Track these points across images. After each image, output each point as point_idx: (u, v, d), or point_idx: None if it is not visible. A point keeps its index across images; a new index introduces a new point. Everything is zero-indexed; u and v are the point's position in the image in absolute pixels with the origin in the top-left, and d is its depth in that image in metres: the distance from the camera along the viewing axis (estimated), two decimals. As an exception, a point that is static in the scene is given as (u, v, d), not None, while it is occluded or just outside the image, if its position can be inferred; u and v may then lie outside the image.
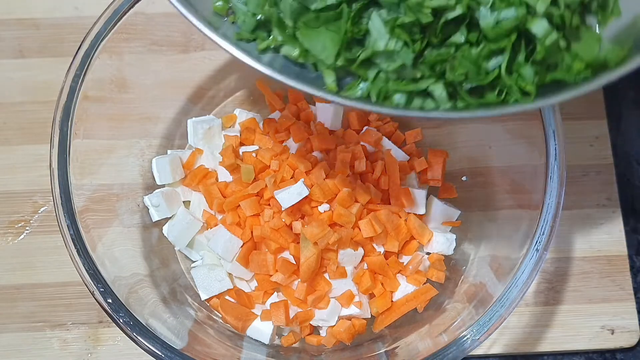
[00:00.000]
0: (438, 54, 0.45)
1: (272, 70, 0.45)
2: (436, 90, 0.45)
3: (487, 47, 0.44)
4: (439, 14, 0.44)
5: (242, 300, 0.67)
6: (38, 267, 0.72)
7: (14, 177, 0.75)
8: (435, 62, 0.45)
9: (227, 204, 0.67)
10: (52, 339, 0.70)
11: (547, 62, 0.45)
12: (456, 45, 0.45)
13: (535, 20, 0.44)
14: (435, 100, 0.46)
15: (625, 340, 0.71)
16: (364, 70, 0.46)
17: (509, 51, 0.44)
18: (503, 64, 0.44)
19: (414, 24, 0.44)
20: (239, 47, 0.46)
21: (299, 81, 0.45)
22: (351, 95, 0.47)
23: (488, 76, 0.45)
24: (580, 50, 0.46)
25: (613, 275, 0.73)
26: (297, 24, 0.47)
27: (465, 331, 0.56)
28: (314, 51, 0.46)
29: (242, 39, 0.49)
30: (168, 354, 0.55)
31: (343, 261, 0.66)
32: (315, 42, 0.46)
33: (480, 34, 0.45)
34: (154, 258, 0.68)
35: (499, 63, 0.45)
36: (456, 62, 0.45)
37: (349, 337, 0.66)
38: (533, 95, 0.45)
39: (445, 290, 0.68)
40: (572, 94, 0.44)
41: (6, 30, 0.79)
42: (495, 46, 0.44)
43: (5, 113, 0.77)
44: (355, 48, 0.47)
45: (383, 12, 0.45)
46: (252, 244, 0.67)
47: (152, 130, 0.73)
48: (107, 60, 0.63)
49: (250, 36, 0.49)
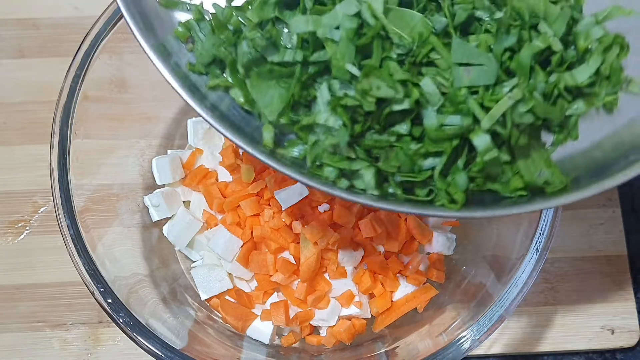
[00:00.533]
0: (376, 140, 0.44)
1: (211, 115, 0.44)
2: (366, 175, 0.44)
3: (425, 147, 0.43)
4: (385, 102, 0.42)
5: (242, 300, 0.67)
6: (38, 267, 0.72)
7: (13, 177, 0.75)
8: (372, 147, 0.44)
9: (227, 204, 0.67)
10: (52, 339, 0.70)
11: (486, 172, 0.44)
12: (398, 135, 0.44)
13: (479, 133, 0.42)
14: (364, 183, 0.44)
15: (625, 340, 0.71)
16: (305, 134, 0.45)
17: (447, 155, 0.43)
18: (438, 166, 0.43)
19: (357, 107, 0.43)
20: (185, 81, 0.45)
21: (235, 131, 0.44)
22: (287, 154, 0.45)
23: (421, 174, 0.44)
24: (522, 168, 0.44)
25: (613, 275, 0.73)
26: (249, 72, 0.46)
27: (465, 331, 0.56)
28: (260, 104, 0.45)
29: (194, 71, 0.47)
30: (168, 354, 0.55)
31: (343, 261, 0.66)
32: (262, 94, 0.45)
33: (423, 130, 0.43)
34: (154, 258, 0.68)
35: (435, 164, 0.43)
36: (392, 153, 0.43)
37: (349, 337, 0.66)
38: (460, 204, 0.43)
39: (445, 290, 0.68)
40: (502, 212, 0.43)
41: (6, 30, 0.79)
42: (434, 148, 0.43)
43: (5, 113, 0.77)
44: (302, 110, 0.45)
45: (335, 83, 0.43)
46: (252, 244, 0.67)
47: (152, 130, 0.73)
48: (107, 60, 0.63)
49: (204, 70, 0.47)
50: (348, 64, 0.42)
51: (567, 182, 0.44)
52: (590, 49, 0.45)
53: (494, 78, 0.42)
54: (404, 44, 0.43)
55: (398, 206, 0.44)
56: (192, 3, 0.49)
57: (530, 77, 0.43)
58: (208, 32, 0.47)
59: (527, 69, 0.43)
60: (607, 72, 0.45)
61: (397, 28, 0.43)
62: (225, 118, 0.46)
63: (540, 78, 0.43)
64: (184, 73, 0.47)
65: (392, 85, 0.42)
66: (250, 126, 0.47)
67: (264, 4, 0.46)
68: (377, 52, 0.43)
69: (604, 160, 0.45)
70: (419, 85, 0.42)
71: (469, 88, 0.42)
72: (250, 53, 0.45)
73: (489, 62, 0.42)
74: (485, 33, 0.44)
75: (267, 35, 0.45)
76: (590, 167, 0.45)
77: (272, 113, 0.45)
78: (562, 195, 0.44)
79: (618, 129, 0.46)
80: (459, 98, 0.42)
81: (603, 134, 0.46)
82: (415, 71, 0.43)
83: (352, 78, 0.42)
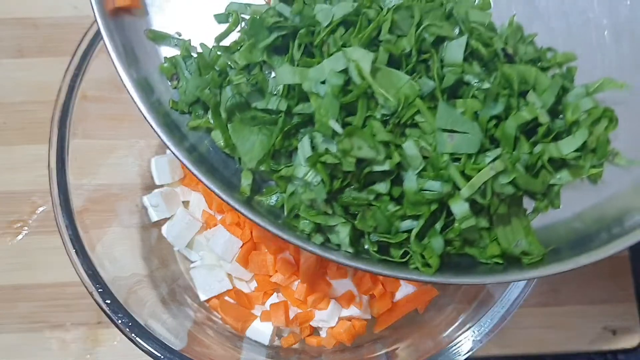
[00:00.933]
0: (355, 197, 0.43)
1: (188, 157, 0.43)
2: (341, 232, 0.43)
3: (404, 209, 0.43)
4: (366, 161, 0.42)
5: (241, 301, 0.67)
6: (37, 268, 0.72)
7: (12, 177, 0.75)
8: (349, 204, 0.44)
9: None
10: (51, 339, 0.70)
11: (464, 237, 0.44)
12: (377, 194, 0.43)
13: (457, 201, 0.41)
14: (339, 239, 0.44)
15: (627, 341, 0.70)
16: (283, 183, 0.45)
17: (424, 219, 0.42)
18: (415, 229, 0.43)
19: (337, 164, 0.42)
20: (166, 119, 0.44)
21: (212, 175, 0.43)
22: (264, 201, 0.45)
23: (397, 236, 0.43)
24: (501, 236, 0.44)
25: (614, 276, 0.72)
26: (232, 117, 0.45)
27: (466, 332, 0.56)
28: (240, 150, 0.45)
29: (176, 109, 0.47)
30: (167, 354, 0.55)
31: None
32: (244, 140, 0.44)
33: (403, 191, 0.43)
34: (153, 258, 0.68)
35: (412, 226, 0.43)
36: (369, 212, 0.43)
37: (349, 338, 0.65)
38: (434, 269, 0.43)
39: (446, 291, 0.67)
40: (475, 280, 0.43)
41: (5, 30, 0.79)
42: (412, 211, 0.42)
43: (4, 113, 0.76)
44: (283, 159, 0.45)
45: (318, 136, 0.42)
46: (252, 244, 0.67)
47: (151, 130, 0.72)
48: (105, 60, 0.62)
49: (186, 109, 0.47)
50: (331, 120, 0.41)
51: (545, 253, 0.44)
52: (578, 121, 0.45)
53: (477, 147, 0.42)
54: (388, 105, 0.42)
55: (371, 266, 0.43)
56: (180, 39, 0.48)
57: (515, 148, 0.43)
58: (194, 71, 0.47)
59: (511, 139, 0.42)
60: (593, 144, 0.45)
61: (383, 88, 0.42)
62: (204, 160, 0.45)
63: (525, 149, 0.43)
64: (165, 111, 0.46)
65: (374, 146, 0.41)
66: (229, 170, 0.46)
67: (252, 47, 0.45)
68: (361, 111, 0.42)
69: (585, 232, 0.45)
70: (401, 147, 0.42)
71: (452, 154, 0.42)
72: (235, 97, 0.45)
73: (473, 131, 0.42)
74: (472, 98, 0.43)
75: (253, 81, 0.44)
76: (571, 238, 0.45)
77: (251, 160, 0.44)
78: (537, 268, 0.43)
79: (601, 201, 0.46)
80: (440, 164, 0.42)
81: (586, 205, 0.46)
82: (399, 132, 0.43)
83: (335, 134, 0.42)
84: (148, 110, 0.43)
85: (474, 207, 0.42)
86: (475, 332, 0.56)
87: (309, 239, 0.44)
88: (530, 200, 0.46)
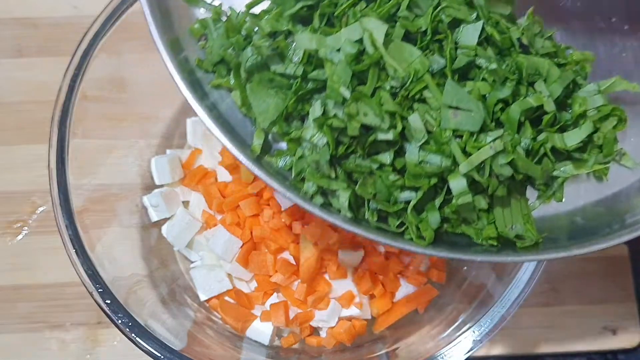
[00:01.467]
0: (357, 164, 0.45)
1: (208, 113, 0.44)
2: (342, 196, 0.45)
3: (404, 180, 0.44)
4: (371, 130, 0.43)
5: (241, 301, 0.67)
6: (37, 268, 0.72)
7: (12, 177, 0.74)
8: (353, 170, 0.45)
9: (226, 204, 0.67)
10: (51, 339, 0.70)
11: (462, 216, 0.45)
12: (380, 163, 0.44)
13: (456, 176, 0.43)
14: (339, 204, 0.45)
15: (627, 341, 0.70)
16: (293, 146, 0.46)
17: (422, 192, 0.44)
18: (413, 201, 0.44)
19: (343, 129, 0.44)
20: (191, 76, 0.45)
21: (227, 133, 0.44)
22: (274, 162, 0.47)
23: (395, 206, 0.44)
24: (498, 218, 0.45)
25: (614, 276, 0.72)
26: (251, 77, 0.47)
27: (466, 332, 0.56)
28: (255, 110, 0.46)
29: (201, 67, 0.48)
30: (167, 354, 0.55)
31: (343, 262, 0.65)
32: (260, 101, 0.46)
33: (405, 164, 0.44)
34: (153, 258, 0.68)
35: (410, 198, 0.44)
36: (370, 179, 0.44)
37: (349, 338, 0.65)
38: (427, 242, 0.44)
39: (446, 291, 0.67)
40: (467, 256, 0.44)
41: (5, 30, 0.79)
42: (412, 183, 0.44)
43: (4, 113, 0.76)
44: (295, 122, 0.46)
45: (330, 103, 0.44)
46: (252, 245, 0.67)
47: (151, 130, 0.72)
48: (105, 60, 0.63)
49: (211, 68, 0.48)
50: (342, 86, 0.43)
51: (539, 239, 0.45)
52: (585, 114, 0.46)
53: (479, 125, 0.43)
54: (397, 77, 0.43)
55: (368, 233, 0.44)
56: (212, 4, 0.50)
57: (518, 132, 0.44)
58: (221, 33, 0.48)
59: (515, 122, 0.43)
60: (600, 141, 0.46)
61: (395, 60, 0.44)
62: (222, 118, 0.46)
63: (528, 134, 0.44)
64: (190, 68, 0.48)
65: (379, 114, 0.43)
66: (245, 131, 0.47)
67: (279, 16, 0.47)
68: (371, 80, 0.44)
69: (585, 225, 0.46)
70: (406, 119, 0.43)
71: (454, 131, 0.43)
72: (255, 59, 0.46)
73: (477, 110, 0.43)
74: (482, 81, 0.45)
75: (274, 46, 0.46)
76: (570, 229, 0.46)
77: (265, 120, 0.46)
78: (530, 253, 0.44)
79: (605, 197, 0.47)
80: (443, 139, 0.43)
81: (589, 200, 0.47)
82: (407, 105, 0.44)
83: (344, 101, 0.43)
84: (175, 67, 0.44)
85: (474, 186, 0.43)
86: (475, 332, 0.56)
87: (311, 201, 0.45)
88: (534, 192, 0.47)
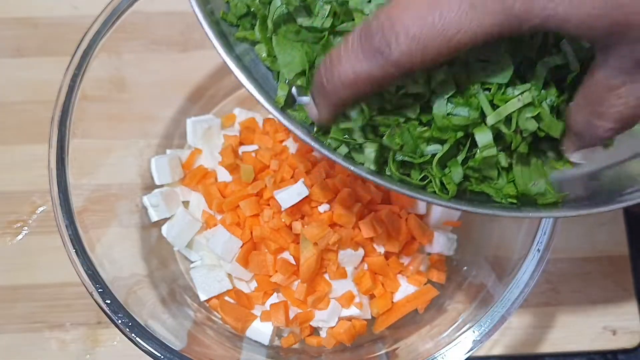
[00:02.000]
0: (384, 118, 0.44)
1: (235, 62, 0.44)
2: (368, 148, 0.45)
3: (431, 132, 0.44)
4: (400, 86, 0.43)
5: (241, 301, 0.67)
6: (36, 268, 0.72)
7: (12, 177, 0.74)
8: (380, 124, 0.45)
9: (226, 204, 0.67)
10: (51, 339, 0.70)
11: (482, 173, 0.45)
12: (406, 117, 0.44)
13: (483, 129, 0.43)
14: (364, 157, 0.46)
15: (627, 341, 0.70)
16: None
17: (449, 145, 0.44)
18: (439, 154, 0.44)
19: None
20: (216, 28, 0.45)
21: (254, 84, 0.44)
22: (296, 117, 0.46)
23: (421, 158, 0.45)
24: (518, 176, 0.45)
25: (615, 275, 0.72)
26: (277, 30, 0.46)
27: (466, 332, 0.56)
28: (280, 61, 0.46)
29: (226, 20, 0.49)
30: (167, 355, 0.55)
31: (343, 262, 0.65)
32: (285, 53, 0.46)
33: (431, 119, 0.44)
34: (152, 258, 0.68)
35: (436, 151, 0.44)
36: (397, 130, 0.44)
37: (349, 338, 0.65)
38: (450, 195, 0.44)
39: (446, 290, 0.67)
40: (488, 211, 0.44)
41: (4, 30, 0.79)
42: (438, 135, 0.44)
43: (3, 112, 0.76)
44: None
45: None
46: (252, 245, 0.67)
47: (151, 130, 0.72)
48: (105, 60, 0.63)
49: (235, 21, 0.49)
50: None
51: (559, 198, 0.45)
52: None
53: (508, 77, 0.43)
54: None
55: (391, 184, 0.45)
56: None
57: (543, 89, 0.44)
58: None
59: (541, 79, 0.43)
60: None
61: None
62: (246, 71, 0.46)
63: (552, 92, 0.44)
64: (216, 19, 0.47)
65: None
66: (268, 86, 0.47)
67: None
68: None
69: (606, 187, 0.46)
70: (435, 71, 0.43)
71: (482, 84, 0.43)
72: (282, 10, 0.46)
73: (506, 63, 0.43)
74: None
75: None
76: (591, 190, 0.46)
77: (290, 72, 0.46)
78: (551, 209, 0.45)
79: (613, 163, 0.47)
80: (471, 91, 0.43)
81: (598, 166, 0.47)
82: None
83: None
84: (203, 16, 0.44)
85: (497, 142, 0.44)
86: (475, 332, 0.56)
87: (335, 150, 0.46)
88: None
